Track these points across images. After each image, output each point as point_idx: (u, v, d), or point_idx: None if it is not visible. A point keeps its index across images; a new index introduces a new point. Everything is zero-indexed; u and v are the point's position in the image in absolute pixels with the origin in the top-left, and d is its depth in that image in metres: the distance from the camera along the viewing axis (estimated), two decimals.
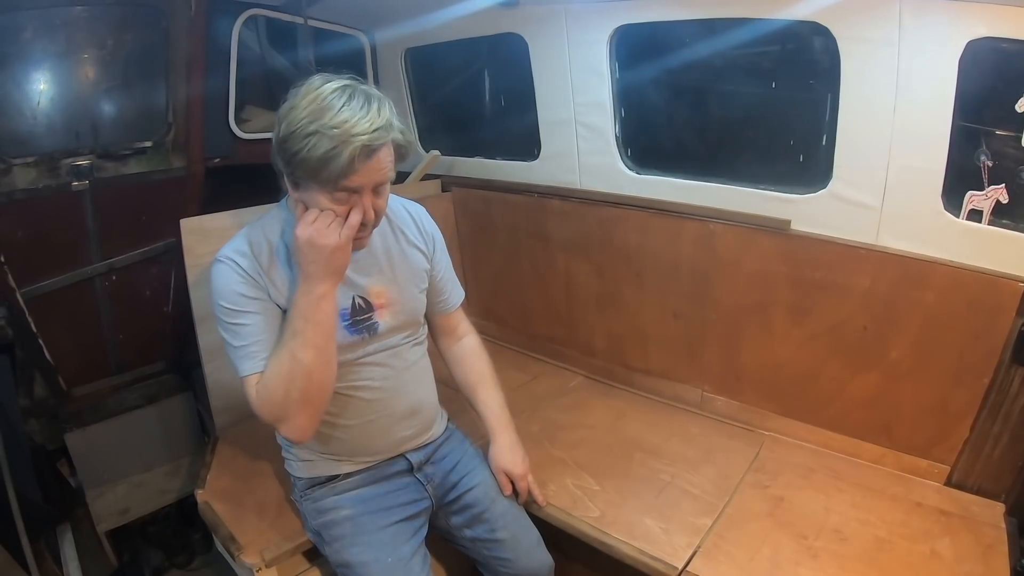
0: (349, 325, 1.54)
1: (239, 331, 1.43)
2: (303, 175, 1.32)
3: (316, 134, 1.25)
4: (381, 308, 1.59)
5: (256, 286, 1.44)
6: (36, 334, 2.46)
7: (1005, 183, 1.62)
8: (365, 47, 2.96)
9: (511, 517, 1.77)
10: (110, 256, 2.59)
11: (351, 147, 1.25)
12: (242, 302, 1.42)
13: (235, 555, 1.72)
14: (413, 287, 1.68)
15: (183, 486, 2.72)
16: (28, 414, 2.63)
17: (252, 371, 1.43)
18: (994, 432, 1.77)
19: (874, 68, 1.70)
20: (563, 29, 2.26)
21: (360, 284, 1.57)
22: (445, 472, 1.76)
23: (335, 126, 1.25)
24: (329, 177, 1.29)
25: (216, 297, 1.45)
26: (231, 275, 1.43)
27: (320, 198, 1.34)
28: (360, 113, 1.27)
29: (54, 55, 2.26)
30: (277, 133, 1.33)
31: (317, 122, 1.25)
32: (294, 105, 1.29)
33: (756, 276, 2.07)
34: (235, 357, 1.46)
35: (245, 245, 1.47)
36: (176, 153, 2.58)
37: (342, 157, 1.26)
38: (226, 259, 1.44)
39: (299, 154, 1.28)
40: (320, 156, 1.25)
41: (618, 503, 1.84)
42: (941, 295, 1.75)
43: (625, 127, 2.33)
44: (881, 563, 1.58)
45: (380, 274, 1.60)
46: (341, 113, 1.26)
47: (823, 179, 1.90)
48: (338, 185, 1.31)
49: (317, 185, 1.32)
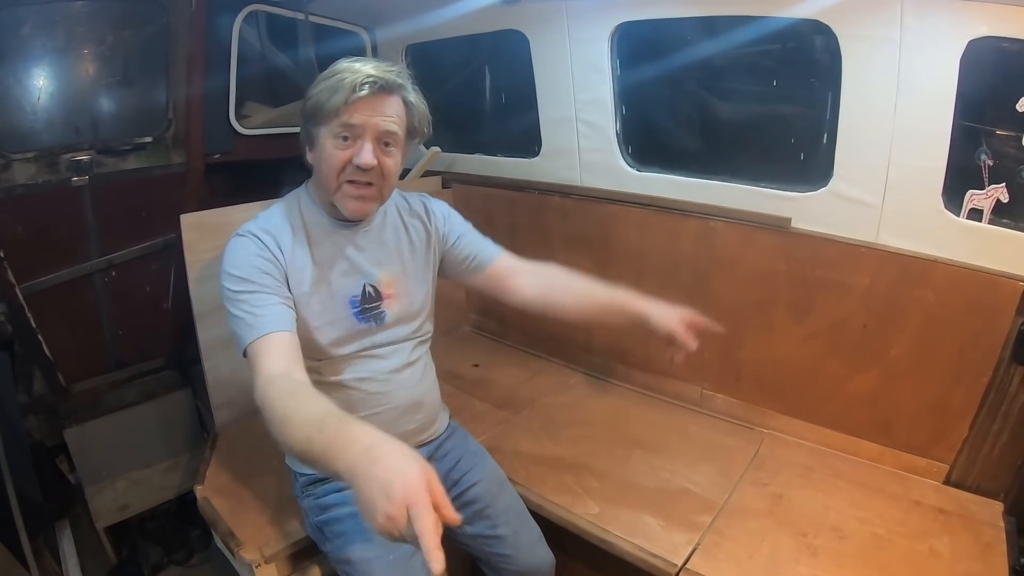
0: (358, 312, 1.57)
1: (248, 299, 1.38)
2: (314, 122, 1.41)
3: (326, 79, 1.38)
4: (390, 298, 1.62)
5: (276, 265, 1.45)
6: (35, 330, 2.45)
7: (1005, 182, 1.63)
8: (366, 43, 2.96)
9: (512, 514, 1.78)
10: (110, 252, 2.57)
11: (352, 79, 1.35)
12: (256, 275, 1.42)
13: (234, 551, 1.72)
14: (422, 280, 1.71)
15: (182, 482, 2.72)
16: (27, 410, 2.62)
17: (256, 335, 1.34)
18: (993, 431, 1.77)
19: (875, 66, 1.70)
20: (564, 26, 2.26)
21: (372, 272, 1.60)
22: (447, 469, 1.76)
23: (343, 69, 1.38)
24: (333, 109, 1.36)
25: (228, 266, 1.43)
26: (251, 247, 1.45)
27: (327, 142, 1.40)
28: (354, 65, 1.39)
29: (54, 50, 2.25)
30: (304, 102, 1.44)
31: (323, 77, 1.40)
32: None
33: (756, 274, 2.07)
34: (239, 326, 1.37)
35: (270, 224, 1.50)
36: (176, 149, 2.57)
37: (343, 87, 1.35)
38: (249, 234, 1.46)
39: (310, 101, 1.40)
40: (327, 89, 1.36)
41: (618, 500, 1.84)
42: (941, 294, 1.75)
43: (626, 124, 2.33)
44: (880, 561, 1.58)
45: (392, 265, 1.64)
46: (353, 63, 1.40)
47: (824, 177, 1.90)
48: (340, 118, 1.37)
49: (324, 128, 1.40)
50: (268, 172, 3.07)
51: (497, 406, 2.36)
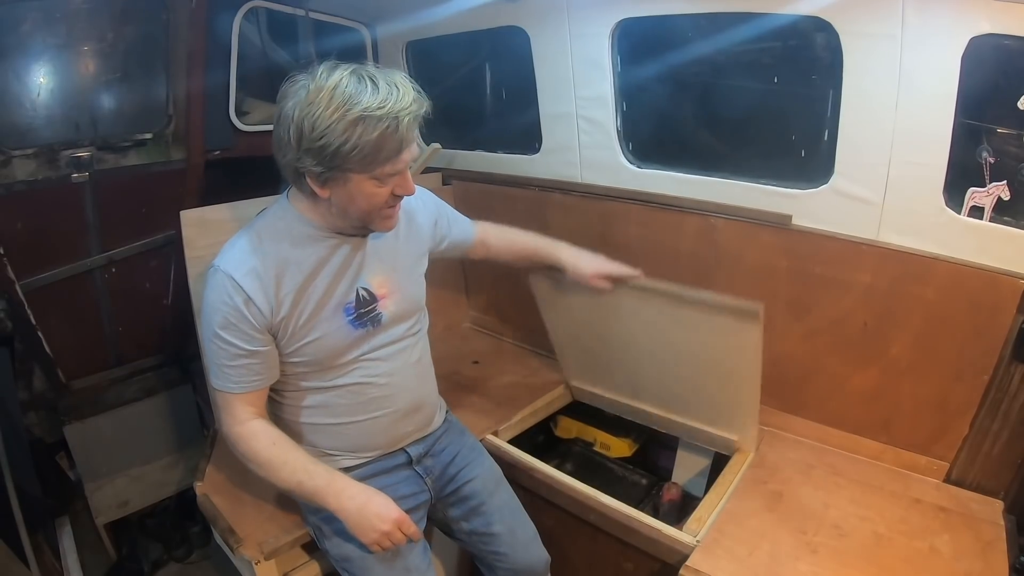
0: (354, 319, 1.53)
1: (226, 351, 1.42)
2: (352, 164, 1.29)
3: (362, 120, 1.23)
4: (384, 298, 1.59)
5: (264, 324, 1.42)
6: (35, 327, 2.46)
7: (1007, 180, 1.62)
8: (366, 40, 2.95)
9: (508, 511, 1.78)
10: (109, 248, 2.58)
11: (403, 122, 1.26)
12: (235, 334, 1.40)
13: (234, 548, 1.72)
14: (414, 272, 1.70)
15: (182, 479, 2.73)
16: (27, 407, 2.63)
17: (231, 391, 1.46)
18: (993, 429, 1.77)
19: (876, 64, 1.69)
20: (565, 22, 2.25)
21: (362, 275, 1.56)
22: (444, 464, 1.76)
23: (380, 106, 1.24)
24: (387, 156, 1.29)
25: (208, 310, 1.41)
26: (232, 299, 1.39)
27: (365, 185, 1.33)
28: (392, 89, 1.26)
29: (54, 47, 2.25)
30: (298, 135, 1.28)
31: (355, 109, 1.23)
32: (311, 102, 1.25)
33: (757, 271, 2.07)
34: (212, 366, 1.47)
35: (255, 261, 1.41)
36: (176, 145, 2.57)
37: (399, 131, 1.26)
38: (230, 279, 1.39)
39: (345, 145, 1.25)
40: (376, 139, 1.25)
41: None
42: (942, 292, 1.75)
43: (626, 121, 2.32)
44: (880, 559, 1.58)
45: (382, 263, 1.59)
46: (376, 94, 1.25)
47: (825, 174, 1.89)
48: (390, 164, 1.31)
49: (364, 173, 1.31)
50: (268, 168, 3.06)
51: (497, 403, 2.36)
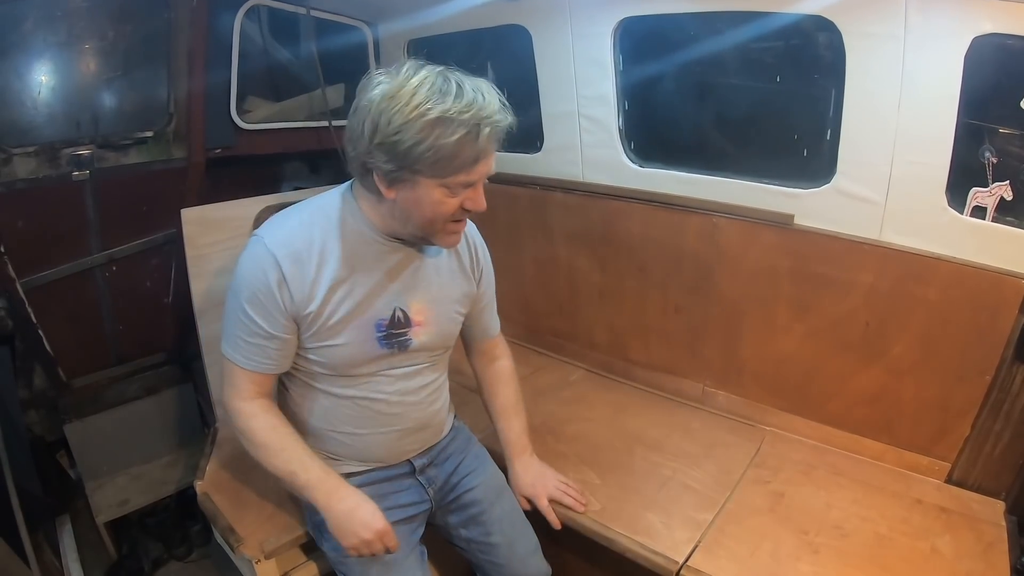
0: (382, 337, 1.46)
1: (248, 326, 1.38)
2: (423, 167, 1.21)
3: (442, 121, 1.16)
4: (418, 326, 1.50)
5: (291, 312, 1.36)
6: (36, 325, 2.45)
7: (1009, 180, 1.62)
8: (368, 38, 2.94)
9: (508, 522, 1.75)
10: (110, 247, 2.58)
11: (486, 129, 1.20)
12: (262, 313, 1.35)
13: (234, 547, 1.72)
14: (453, 311, 1.61)
15: (182, 477, 2.72)
16: (27, 405, 2.62)
17: (240, 364, 1.43)
18: (995, 430, 1.77)
19: (879, 63, 1.68)
20: (567, 21, 2.25)
21: (404, 297, 1.47)
22: (447, 474, 1.73)
23: (464, 110, 1.17)
24: (462, 165, 1.22)
25: (242, 285, 1.36)
26: (269, 276, 1.33)
27: (434, 192, 1.26)
28: (479, 95, 1.20)
29: (55, 45, 2.25)
30: (372, 128, 1.20)
31: (436, 109, 1.16)
32: (391, 95, 1.18)
33: (759, 270, 2.07)
34: (230, 336, 1.43)
35: (301, 244, 1.35)
36: (177, 143, 2.57)
37: (479, 141, 1.20)
38: (271, 255, 1.32)
39: (421, 144, 1.18)
40: (455, 143, 1.18)
41: (619, 497, 1.84)
42: (944, 292, 1.75)
43: (628, 120, 2.31)
44: (881, 559, 1.58)
45: (426, 291, 1.51)
46: (463, 96, 1.18)
47: (827, 174, 1.89)
48: (464, 174, 1.24)
49: (435, 179, 1.23)
50: (269, 167, 3.08)
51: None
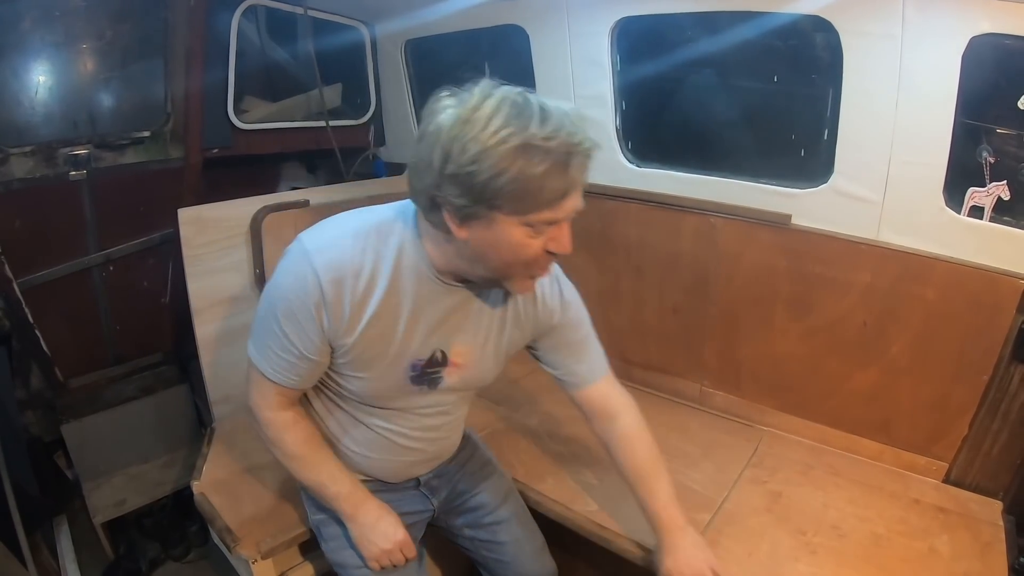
0: (415, 376, 1.35)
1: (280, 341, 1.25)
2: (503, 202, 1.04)
3: (529, 148, 1.00)
4: (455, 367, 1.38)
5: (329, 332, 1.23)
6: (33, 325, 2.45)
7: (1007, 180, 1.62)
8: (365, 38, 2.94)
9: (515, 522, 1.74)
10: (107, 247, 2.58)
11: (574, 161, 1.04)
12: (297, 332, 1.23)
13: (231, 547, 1.72)
14: (494, 360, 1.45)
15: (179, 478, 2.72)
16: (25, 406, 2.62)
17: (268, 375, 1.30)
18: (993, 429, 1.77)
19: (876, 63, 1.68)
20: (564, 21, 2.25)
21: (447, 338, 1.34)
22: (453, 483, 1.69)
23: (551, 136, 1.00)
24: (549, 200, 1.05)
25: (280, 296, 1.22)
26: (308, 303, 1.19)
27: (514, 232, 1.09)
28: (566, 118, 1.03)
29: (52, 44, 2.25)
30: (444, 157, 1.03)
31: (519, 135, 0.99)
32: (466, 120, 1.01)
33: (756, 270, 2.06)
34: (261, 347, 1.29)
35: (349, 269, 1.19)
36: (174, 143, 2.57)
37: (568, 172, 1.04)
38: (315, 274, 1.17)
39: (502, 176, 1.01)
40: (541, 174, 1.01)
41: (617, 498, 1.83)
42: (941, 291, 1.75)
43: (626, 120, 2.31)
44: (879, 559, 1.58)
45: (472, 334, 1.37)
46: (548, 120, 1.01)
47: (824, 174, 1.89)
48: (549, 210, 1.07)
49: (517, 216, 1.07)
50: (266, 166, 3.07)
51: (496, 402, 2.35)
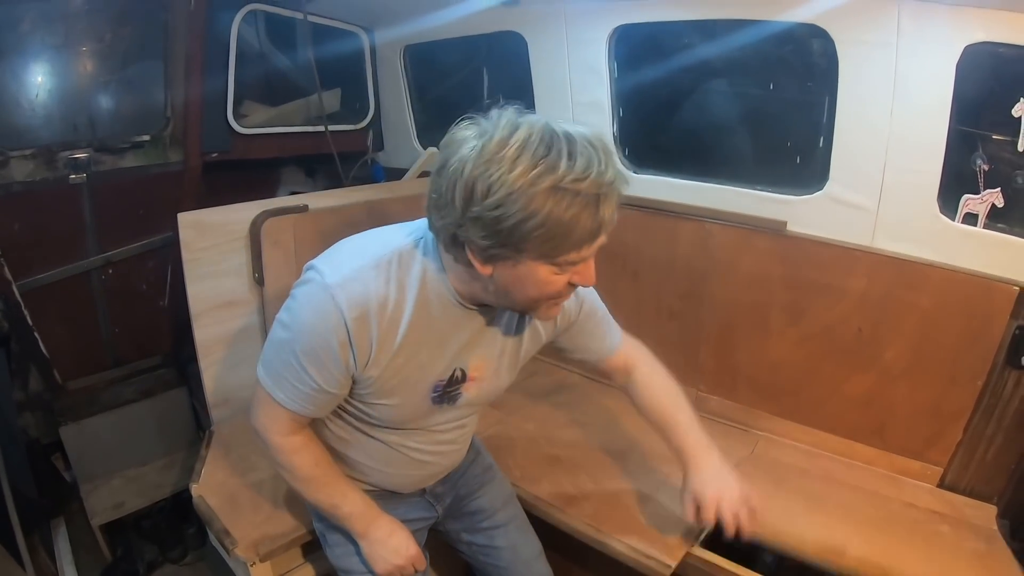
0: (437, 397, 1.33)
1: (302, 377, 1.21)
2: (528, 247, 1.01)
3: (559, 191, 0.96)
4: (473, 381, 1.37)
5: (352, 368, 1.20)
6: (32, 327, 2.45)
7: (1001, 187, 1.63)
8: (364, 44, 2.96)
9: (513, 527, 1.74)
10: (107, 250, 2.58)
11: (606, 201, 1.00)
12: (320, 374, 1.19)
13: (229, 549, 1.72)
14: (510, 371, 1.45)
15: (178, 480, 2.72)
16: (23, 407, 2.62)
17: (283, 403, 1.25)
18: (987, 434, 1.78)
19: (872, 71, 1.70)
20: (562, 28, 2.26)
21: (466, 356, 1.32)
22: (456, 490, 1.70)
23: (581, 176, 0.96)
24: (577, 243, 1.02)
25: (299, 332, 1.18)
26: (331, 343, 1.15)
27: (539, 271, 1.06)
28: (595, 155, 0.99)
29: (53, 47, 2.26)
30: (467, 197, 0.99)
31: (548, 176, 0.95)
32: (490, 158, 0.97)
33: (752, 277, 2.07)
34: (276, 377, 1.25)
35: (375, 304, 1.15)
36: (174, 147, 2.58)
37: (599, 213, 1.01)
38: (339, 312, 1.13)
39: (529, 222, 0.97)
40: (569, 219, 0.98)
41: (613, 501, 1.84)
42: (936, 298, 1.76)
43: (623, 127, 2.33)
44: None
45: (488, 348, 1.36)
46: (575, 157, 0.97)
47: (820, 181, 1.91)
48: (576, 252, 1.05)
49: (543, 259, 1.04)
50: (265, 171, 3.08)
51: (493, 406, 2.34)
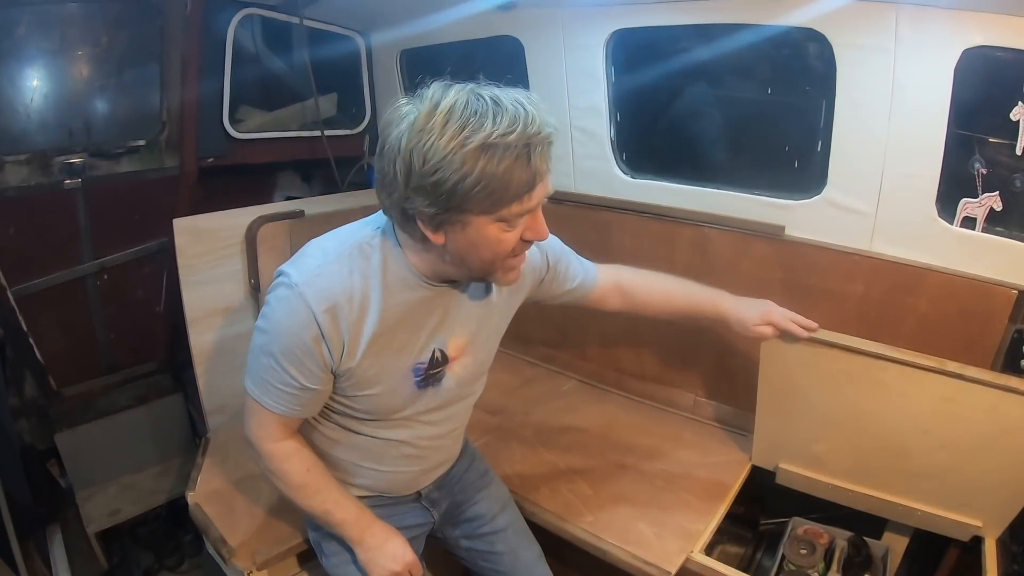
0: (420, 380, 1.35)
1: (276, 374, 1.23)
2: (471, 206, 1.06)
3: (489, 147, 1.01)
4: (455, 360, 1.40)
5: (329, 366, 1.23)
6: (27, 333, 2.44)
7: (999, 191, 1.63)
8: (361, 48, 2.95)
9: (512, 533, 1.74)
10: (102, 255, 2.57)
11: (536, 150, 1.05)
12: (301, 372, 1.22)
13: (226, 558, 1.71)
14: (492, 341, 1.52)
15: (174, 487, 2.71)
16: (18, 414, 2.61)
17: (270, 408, 1.27)
18: None
19: (870, 75, 1.70)
20: (559, 32, 2.26)
21: (443, 336, 1.35)
22: (452, 495, 1.70)
23: (508, 130, 1.01)
24: (517, 193, 1.07)
25: (275, 335, 1.20)
26: (305, 339, 1.18)
27: (489, 229, 1.11)
28: (519, 109, 1.04)
29: (48, 52, 2.25)
30: (406, 170, 1.05)
31: (477, 135, 1.00)
32: (421, 128, 1.03)
33: (750, 281, 2.06)
34: (260, 382, 1.26)
35: (341, 297, 1.18)
36: (169, 152, 2.56)
37: (531, 162, 1.05)
38: (308, 309, 1.16)
39: (465, 180, 1.02)
40: (503, 172, 1.03)
41: (611, 508, 1.84)
42: (934, 302, 1.76)
43: (620, 131, 2.32)
44: None
45: (464, 325, 1.38)
46: (502, 112, 1.03)
47: (818, 185, 1.90)
48: (518, 203, 1.09)
49: (488, 215, 1.09)
50: (262, 176, 3.07)
51: (490, 413, 2.35)
